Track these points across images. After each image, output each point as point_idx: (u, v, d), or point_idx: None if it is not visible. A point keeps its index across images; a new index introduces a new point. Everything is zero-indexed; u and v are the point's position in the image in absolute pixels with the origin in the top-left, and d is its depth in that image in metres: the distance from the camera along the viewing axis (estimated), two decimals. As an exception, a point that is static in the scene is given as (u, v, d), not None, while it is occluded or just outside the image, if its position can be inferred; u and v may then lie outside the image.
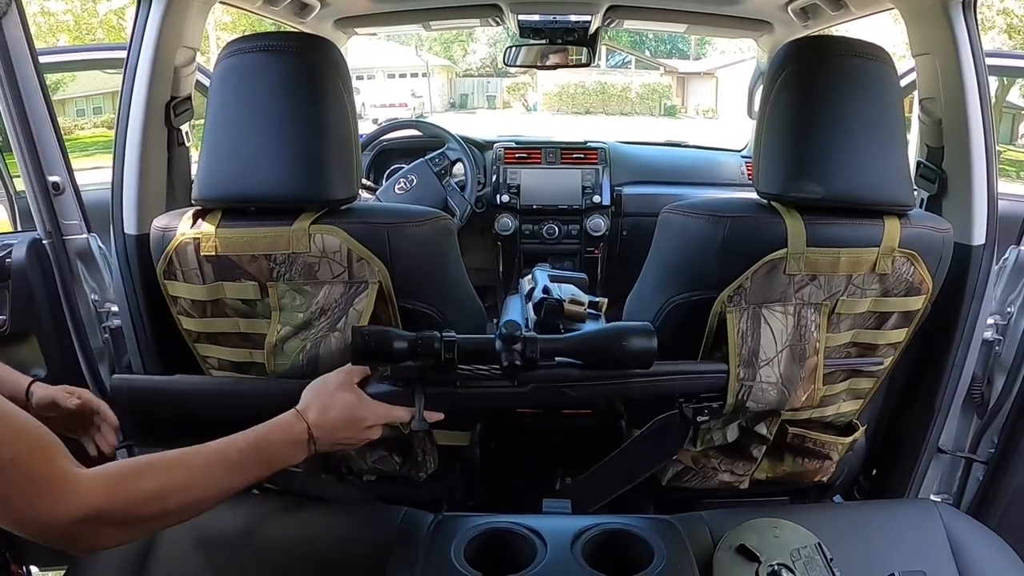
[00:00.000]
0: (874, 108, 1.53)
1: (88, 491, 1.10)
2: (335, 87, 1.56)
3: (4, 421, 1.08)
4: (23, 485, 1.07)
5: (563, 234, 3.50)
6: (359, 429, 1.42)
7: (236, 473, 1.27)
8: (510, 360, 1.38)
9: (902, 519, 1.64)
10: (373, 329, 1.40)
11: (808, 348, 1.58)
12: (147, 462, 1.20)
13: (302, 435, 1.36)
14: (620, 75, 37.10)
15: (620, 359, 1.44)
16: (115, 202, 1.82)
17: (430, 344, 1.38)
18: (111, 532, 1.15)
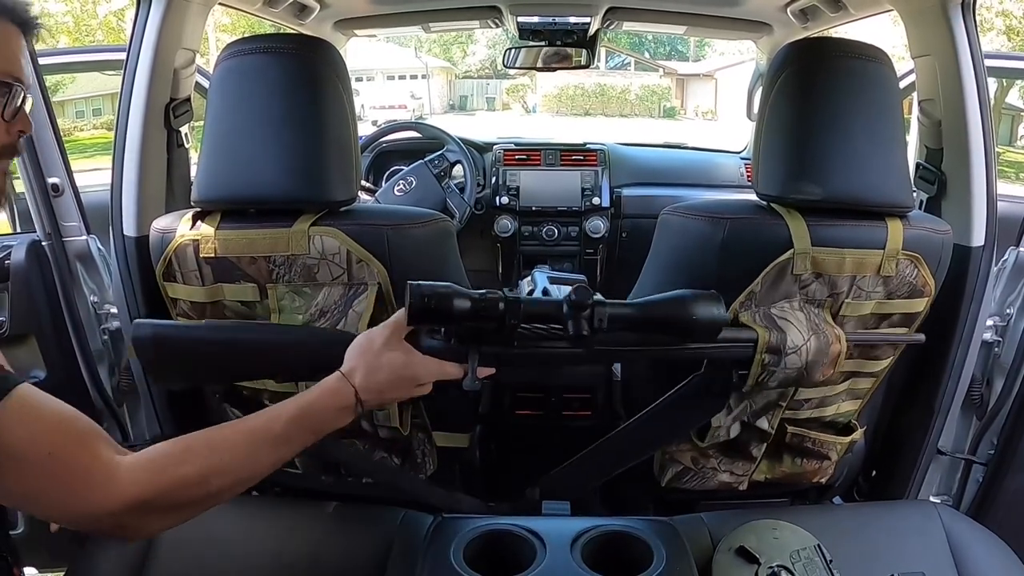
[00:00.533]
0: (873, 109, 1.53)
1: (130, 481, 1.11)
2: (334, 89, 1.56)
3: (41, 414, 1.09)
4: (65, 479, 1.08)
5: (562, 236, 3.50)
6: (409, 388, 1.37)
7: (282, 446, 1.25)
8: (577, 329, 1.32)
9: (902, 520, 1.64)
10: (433, 286, 1.32)
11: (830, 336, 1.56)
12: (187, 446, 1.19)
13: (349, 399, 1.31)
14: (619, 77, 37.18)
15: (687, 328, 1.38)
16: (114, 204, 1.82)
17: (494, 305, 1.32)
18: (158, 519, 1.16)
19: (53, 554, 1.81)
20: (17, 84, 1.19)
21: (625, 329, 1.39)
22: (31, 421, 1.07)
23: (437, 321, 1.35)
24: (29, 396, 1.08)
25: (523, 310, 1.34)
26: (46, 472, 1.07)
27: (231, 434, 1.23)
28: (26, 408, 1.07)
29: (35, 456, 1.06)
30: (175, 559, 1.51)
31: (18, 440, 1.05)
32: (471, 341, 1.38)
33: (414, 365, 1.36)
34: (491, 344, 1.39)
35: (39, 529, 1.51)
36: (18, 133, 1.22)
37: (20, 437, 1.05)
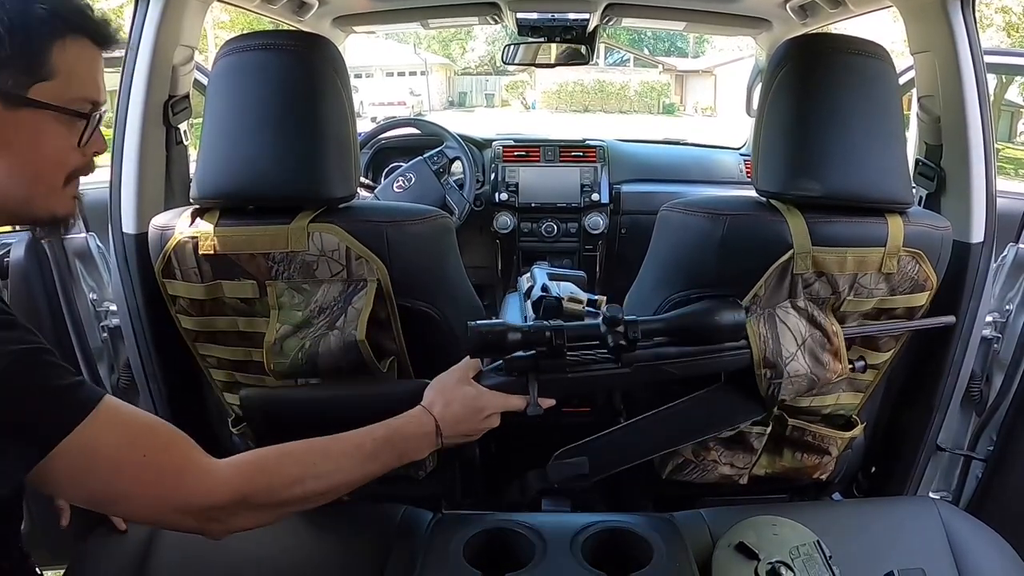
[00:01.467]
0: (873, 105, 1.53)
1: (229, 477, 1.21)
2: (333, 85, 1.56)
3: (130, 419, 1.17)
4: (160, 478, 1.16)
5: (562, 232, 3.50)
6: (480, 420, 1.48)
7: (370, 462, 1.35)
8: (615, 341, 1.43)
9: (901, 517, 1.64)
10: (489, 324, 1.44)
11: (828, 334, 1.59)
12: (287, 450, 1.31)
13: (431, 427, 1.43)
14: (619, 73, 37.18)
15: (712, 334, 1.50)
16: (113, 201, 1.81)
17: (542, 333, 1.44)
18: (250, 516, 1.25)
19: (54, 551, 1.80)
20: (95, 109, 1.21)
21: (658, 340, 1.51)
22: (123, 426, 1.14)
23: (494, 352, 1.49)
24: (117, 404, 1.15)
25: (567, 333, 1.45)
26: (141, 473, 1.15)
27: (327, 444, 1.33)
28: (117, 415, 1.14)
29: (130, 458, 1.13)
30: (175, 555, 1.52)
31: (113, 445, 1.12)
32: (528, 372, 1.49)
33: (483, 397, 1.48)
34: (546, 372, 1.50)
35: (40, 525, 1.51)
36: (93, 153, 1.26)
37: (114, 443, 1.12)
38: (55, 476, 1.09)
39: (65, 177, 1.22)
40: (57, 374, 1.08)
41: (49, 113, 1.15)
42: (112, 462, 1.12)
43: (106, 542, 1.55)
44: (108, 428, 1.11)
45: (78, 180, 1.27)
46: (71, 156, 1.21)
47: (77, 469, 1.09)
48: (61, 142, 1.19)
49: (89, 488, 1.14)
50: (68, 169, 1.22)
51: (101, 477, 1.12)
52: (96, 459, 1.10)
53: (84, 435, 1.07)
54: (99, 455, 1.10)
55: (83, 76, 1.18)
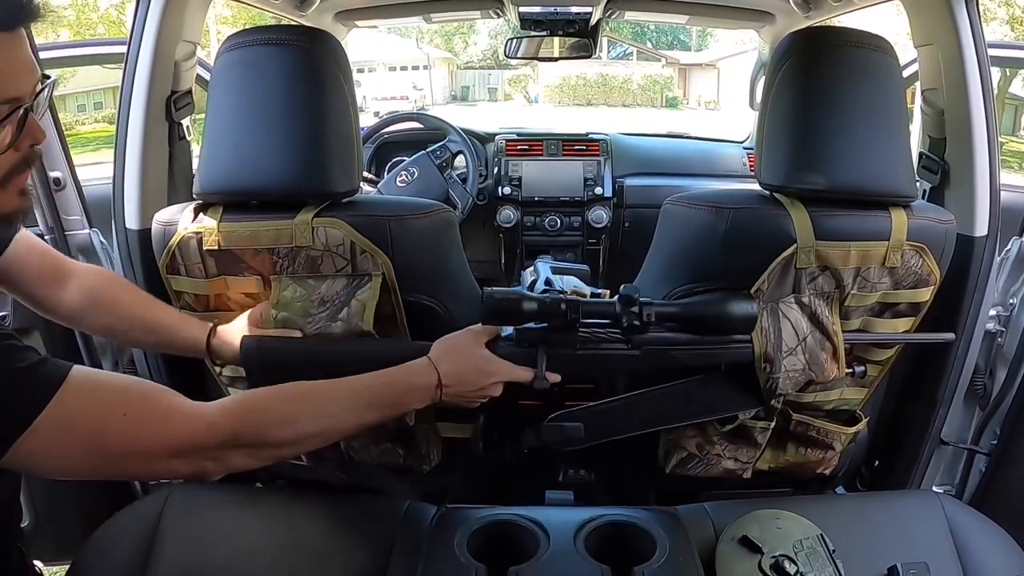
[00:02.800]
0: (877, 99, 1.53)
1: (217, 418, 1.21)
2: (335, 80, 1.56)
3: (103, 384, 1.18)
4: (145, 431, 1.16)
5: (565, 226, 3.50)
6: (484, 384, 1.49)
7: (365, 410, 1.37)
8: (629, 321, 1.44)
9: (904, 510, 1.64)
10: (505, 291, 1.45)
11: (828, 332, 1.60)
12: (280, 390, 1.31)
13: (432, 382, 1.43)
14: (622, 67, 37.16)
15: (725, 325, 1.50)
16: (116, 197, 1.81)
17: (557, 306, 1.44)
18: (242, 455, 1.25)
19: (58, 547, 1.81)
20: (17, 104, 1.11)
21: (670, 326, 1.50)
22: (95, 392, 1.14)
23: (508, 320, 1.48)
24: (86, 373, 1.14)
25: (581, 308, 1.45)
26: (125, 431, 1.15)
27: (322, 386, 1.35)
28: (87, 383, 1.13)
29: (110, 421, 1.13)
30: (181, 551, 1.52)
31: (90, 412, 1.12)
32: (539, 344, 1.50)
33: (492, 363, 1.49)
34: (556, 346, 1.50)
35: (44, 522, 1.51)
36: (29, 146, 1.18)
37: (90, 410, 1.12)
38: (37, 455, 1.08)
39: None
40: (17, 357, 1.06)
41: None
42: (92, 429, 1.11)
43: (110, 538, 1.55)
44: (80, 398, 1.10)
45: (24, 173, 1.20)
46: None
47: (58, 444, 1.09)
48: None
49: (76, 459, 1.14)
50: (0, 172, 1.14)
51: (85, 446, 1.12)
52: (75, 430, 1.10)
53: (57, 410, 1.06)
54: (77, 426, 1.10)
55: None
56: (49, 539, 1.61)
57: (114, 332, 1.70)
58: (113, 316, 1.65)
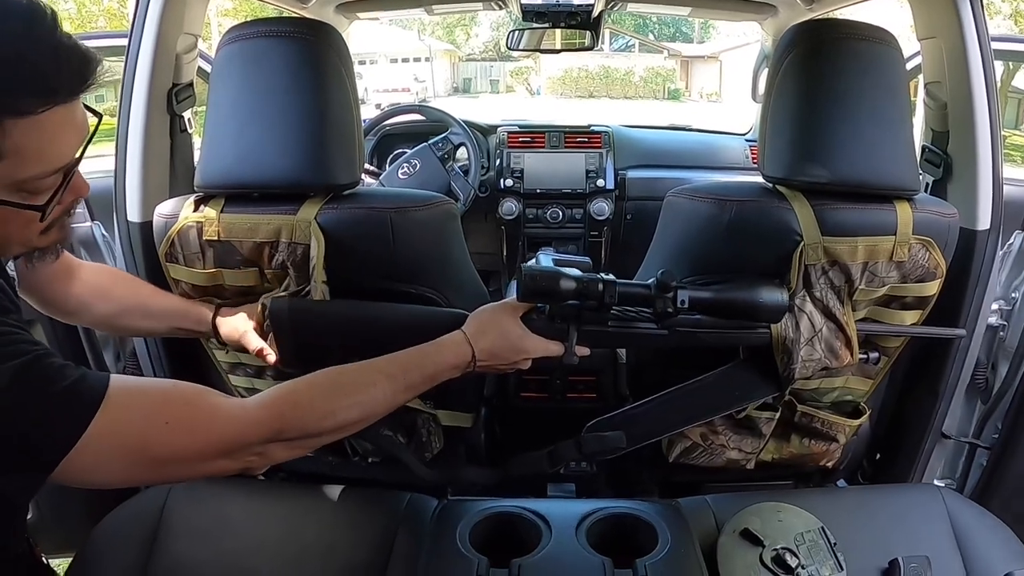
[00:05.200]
0: (880, 92, 1.53)
1: (260, 416, 1.21)
2: (337, 72, 1.56)
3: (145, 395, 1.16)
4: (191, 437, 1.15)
5: (567, 218, 3.49)
6: (516, 357, 1.49)
7: (401, 390, 1.37)
8: (663, 307, 1.44)
9: (905, 504, 1.64)
10: (543, 269, 1.44)
11: (840, 323, 1.60)
12: (317, 382, 1.32)
13: (467, 358, 1.44)
14: (624, 59, 37.10)
15: (756, 312, 1.49)
16: (118, 190, 1.81)
17: (594, 286, 1.43)
18: (285, 449, 1.26)
19: (61, 540, 1.81)
20: (69, 169, 1.13)
21: (703, 312, 1.48)
22: (136, 405, 1.12)
23: (546, 299, 1.47)
24: (125, 384, 1.13)
25: (618, 290, 1.44)
26: (169, 440, 1.13)
27: (358, 374, 1.35)
28: (128, 395, 1.11)
29: (154, 430, 1.12)
30: (184, 543, 1.53)
31: (133, 425, 1.10)
32: (571, 320, 1.50)
33: (526, 339, 1.49)
34: (588, 323, 1.51)
35: (48, 515, 1.52)
36: (71, 200, 1.20)
37: (133, 423, 1.10)
38: (84, 471, 1.08)
39: (42, 231, 1.17)
40: (59, 376, 1.05)
41: None
42: (136, 441, 1.11)
43: (113, 531, 1.56)
44: (122, 411, 1.09)
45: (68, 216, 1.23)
46: (39, 224, 1.15)
47: (104, 459, 1.09)
48: (21, 225, 1.13)
49: (122, 471, 1.13)
50: (42, 227, 1.16)
51: (130, 458, 1.12)
52: (120, 444, 1.09)
53: (101, 426, 1.05)
54: (121, 440, 1.09)
55: (40, 149, 1.06)
56: (53, 532, 1.61)
57: (118, 320, 1.69)
58: (118, 305, 1.66)
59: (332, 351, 1.56)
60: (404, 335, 1.47)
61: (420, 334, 1.46)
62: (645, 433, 1.63)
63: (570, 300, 1.45)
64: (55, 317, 1.67)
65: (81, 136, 1.13)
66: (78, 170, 1.16)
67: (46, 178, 1.09)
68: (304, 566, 1.50)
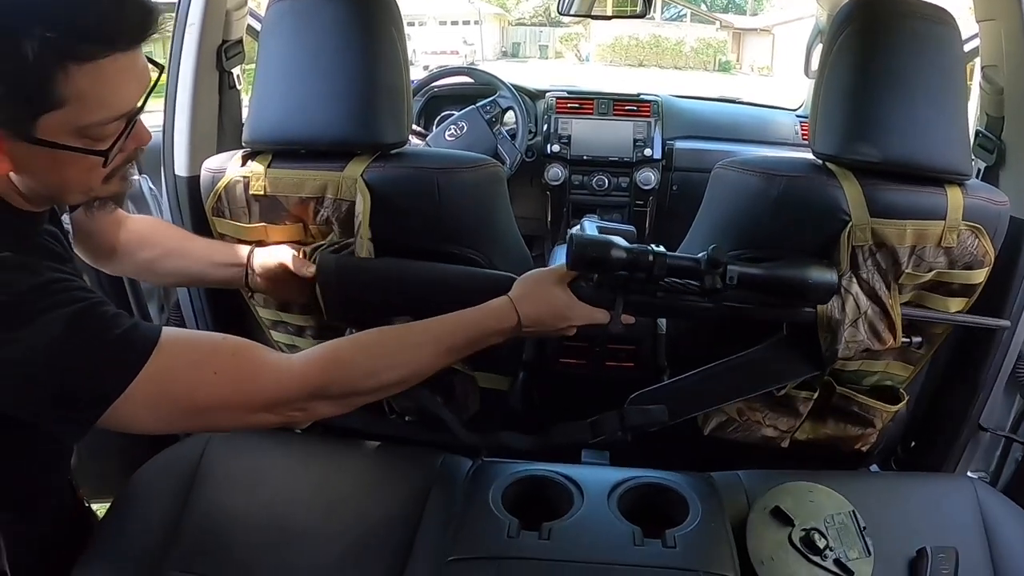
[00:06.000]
0: (936, 72, 1.50)
1: (305, 371, 1.24)
2: (387, 32, 1.56)
3: (193, 344, 1.21)
4: (237, 388, 1.19)
5: (612, 186, 3.47)
6: (562, 324, 1.50)
7: (444, 353, 1.38)
8: (712, 284, 1.44)
9: (937, 493, 1.62)
10: (594, 238, 1.45)
11: (886, 306, 1.59)
12: (363, 342, 1.35)
13: (511, 322, 1.44)
14: (675, 28, 36.57)
15: (807, 292, 1.49)
16: (166, 144, 1.83)
17: (645, 257, 1.43)
18: (328, 405, 1.30)
19: (99, 485, 1.84)
20: (131, 116, 1.13)
21: (751, 289, 1.49)
22: (186, 354, 1.16)
23: (595, 268, 1.47)
24: (176, 335, 1.17)
25: (668, 263, 1.45)
26: (216, 390, 1.17)
27: (403, 335, 1.38)
28: (177, 345, 1.15)
29: (203, 380, 1.16)
30: (219, 493, 1.55)
31: (183, 373, 1.15)
32: (618, 289, 1.49)
33: (573, 306, 1.49)
34: (636, 293, 1.50)
35: (88, 460, 1.55)
36: (135, 149, 1.21)
37: (183, 371, 1.15)
38: (132, 416, 1.11)
39: (104, 178, 1.18)
40: (113, 324, 1.09)
41: None
42: (185, 390, 1.15)
43: (151, 478, 1.59)
44: (172, 359, 1.12)
45: (130, 165, 1.25)
46: (102, 170, 1.15)
47: (153, 405, 1.12)
48: (83, 170, 1.14)
49: (169, 418, 1.17)
50: (104, 174, 1.17)
51: (178, 405, 1.15)
52: (169, 392, 1.13)
53: (151, 374, 1.09)
54: (170, 388, 1.13)
55: (101, 95, 1.07)
56: (91, 477, 1.64)
57: (159, 265, 1.71)
58: (159, 248, 1.69)
59: (378, 308, 1.59)
60: (450, 295, 1.49)
61: (466, 295, 1.47)
62: (686, 407, 1.63)
63: (620, 271, 1.44)
64: (99, 266, 1.69)
65: (142, 85, 1.14)
66: (140, 119, 1.17)
67: (108, 124, 1.10)
68: (337, 519, 1.52)
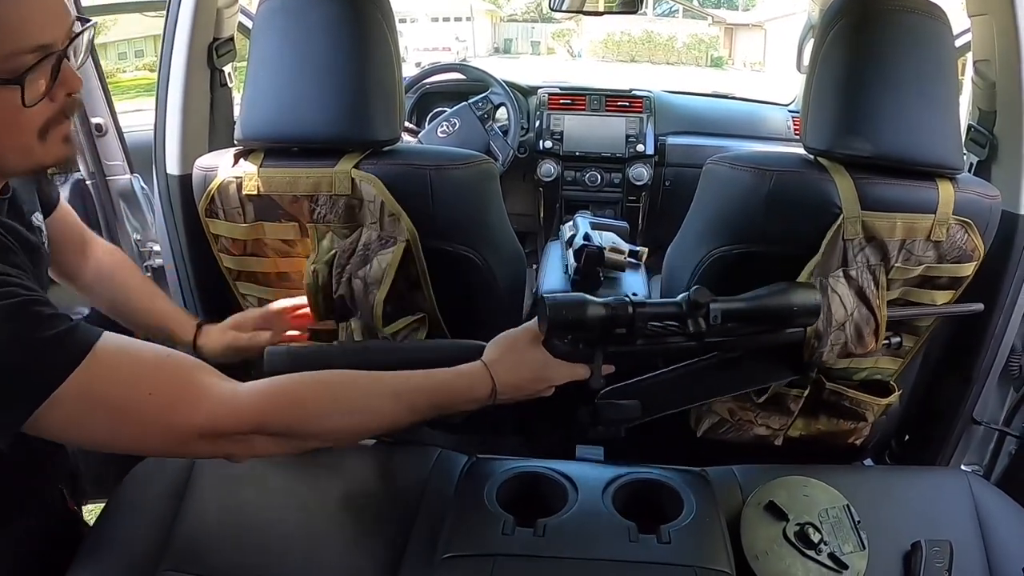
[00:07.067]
0: (927, 67, 1.50)
1: (251, 403, 1.15)
2: (379, 28, 1.56)
3: (134, 360, 1.11)
4: (171, 412, 1.10)
5: (605, 182, 3.49)
6: (541, 387, 1.41)
7: (406, 412, 1.28)
8: (696, 327, 1.37)
9: (931, 487, 1.63)
10: (568, 300, 1.34)
11: (872, 307, 1.58)
12: (319, 381, 1.24)
13: (486, 390, 1.34)
14: (667, 24, 36.56)
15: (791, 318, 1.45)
16: (158, 143, 1.83)
17: (624, 310, 1.34)
18: (272, 443, 1.19)
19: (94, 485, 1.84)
20: (47, 52, 1.08)
21: (736, 321, 1.43)
22: (123, 367, 1.09)
23: (574, 331, 1.37)
24: (118, 345, 1.10)
25: (648, 311, 1.36)
26: (147, 411, 1.09)
27: (364, 382, 1.26)
28: (116, 356, 1.08)
29: (134, 398, 1.08)
30: (214, 491, 1.55)
31: (114, 387, 1.07)
32: (596, 343, 1.40)
33: (551, 367, 1.39)
34: (616, 344, 1.41)
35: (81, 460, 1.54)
36: (65, 96, 1.14)
37: (114, 385, 1.07)
38: (58, 425, 1.05)
39: (38, 132, 1.12)
40: (47, 323, 1.03)
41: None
42: (115, 405, 1.07)
43: (146, 478, 1.58)
44: (105, 371, 1.05)
45: (65, 123, 1.17)
46: (32, 114, 1.10)
47: (76, 417, 1.05)
48: (14, 127, 1.10)
49: (97, 434, 1.10)
50: (36, 126, 1.12)
51: (107, 422, 1.08)
52: (97, 405, 1.06)
53: (79, 382, 1.03)
54: (99, 401, 1.06)
55: (13, 25, 1.04)
56: (85, 477, 1.64)
57: (116, 308, 1.68)
58: (120, 293, 1.67)
59: None
60: None
61: None
62: (662, 404, 1.60)
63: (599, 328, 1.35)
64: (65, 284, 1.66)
65: (62, 23, 1.10)
66: (69, 65, 1.12)
67: (24, 55, 1.05)
68: (332, 516, 1.52)
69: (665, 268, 1.88)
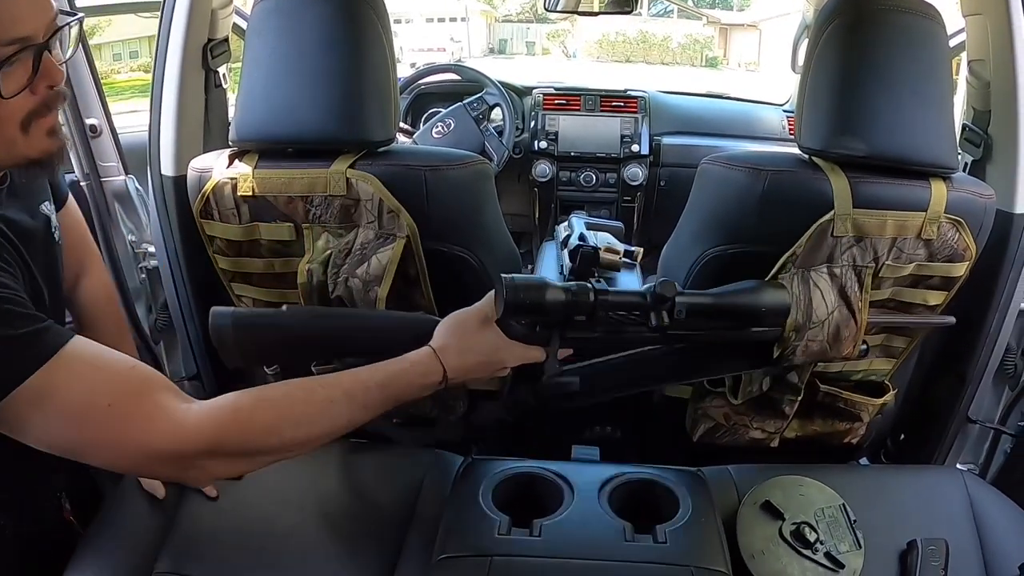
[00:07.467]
0: (922, 66, 1.50)
1: (201, 425, 1.11)
2: (374, 29, 1.56)
3: (99, 365, 1.11)
4: (125, 427, 1.09)
5: (600, 182, 3.50)
6: (494, 370, 1.38)
7: (359, 410, 1.24)
8: (659, 320, 1.35)
9: (927, 486, 1.63)
10: (525, 281, 1.31)
11: (854, 309, 1.57)
12: (266, 395, 1.21)
13: (436, 377, 1.31)
14: (662, 24, 36.55)
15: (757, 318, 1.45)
16: (152, 144, 1.83)
17: (585, 297, 1.32)
18: (225, 464, 1.17)
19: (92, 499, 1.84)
20: (27, 44, 1.08)
21: (700, 317, 1.41)
22: (86, 374, 1.08)
23: (531, 314, 1.34)
24: (84, 351, 1.09)
25: (611, 301, 1.34)
26: (105, 422, 1.08)
27: (312, 389, 1.23)
28: (82, 362, 1.08)
29: (93, 406, 1.07)
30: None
31: (74, 393, 1.06)
32: (554, 327, 1.38)
33: (503, 349, 1.36)
34: (574, 330, 1.39)
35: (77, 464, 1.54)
36: (47, 88, 1.14)
37: (75, 391, 1.06)
38: (16, 424, 1.06)
39: (19, 125, 1.13)
40: (17, 321, 1.03)
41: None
42: (72, 411, 1.07)
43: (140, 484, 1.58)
44: (68, 375, 1.05)
45: (48, 116, 1.17)
46: (14, 106, 1.11)
47: (34, 418, 1.05)
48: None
49: (54, 438, 1.09)
50: (17, 118, 1.12)
51: (62, 427, 1.07)
52: (55, 409, 1.05)
53: (39, 384, 1.03)
54: (57, 405, 1.05)
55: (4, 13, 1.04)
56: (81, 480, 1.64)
57: None
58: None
59: (280, 359, 1.55)
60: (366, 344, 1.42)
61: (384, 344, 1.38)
62: (612, 387, 1.58)
63: (558, 314, 1.33)
64: None
65: (43, 16, 1.10)
66: (50, 57, 1.12)
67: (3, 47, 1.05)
68: (329, 517, 1.52)
69: (660, 268, 1.88)
